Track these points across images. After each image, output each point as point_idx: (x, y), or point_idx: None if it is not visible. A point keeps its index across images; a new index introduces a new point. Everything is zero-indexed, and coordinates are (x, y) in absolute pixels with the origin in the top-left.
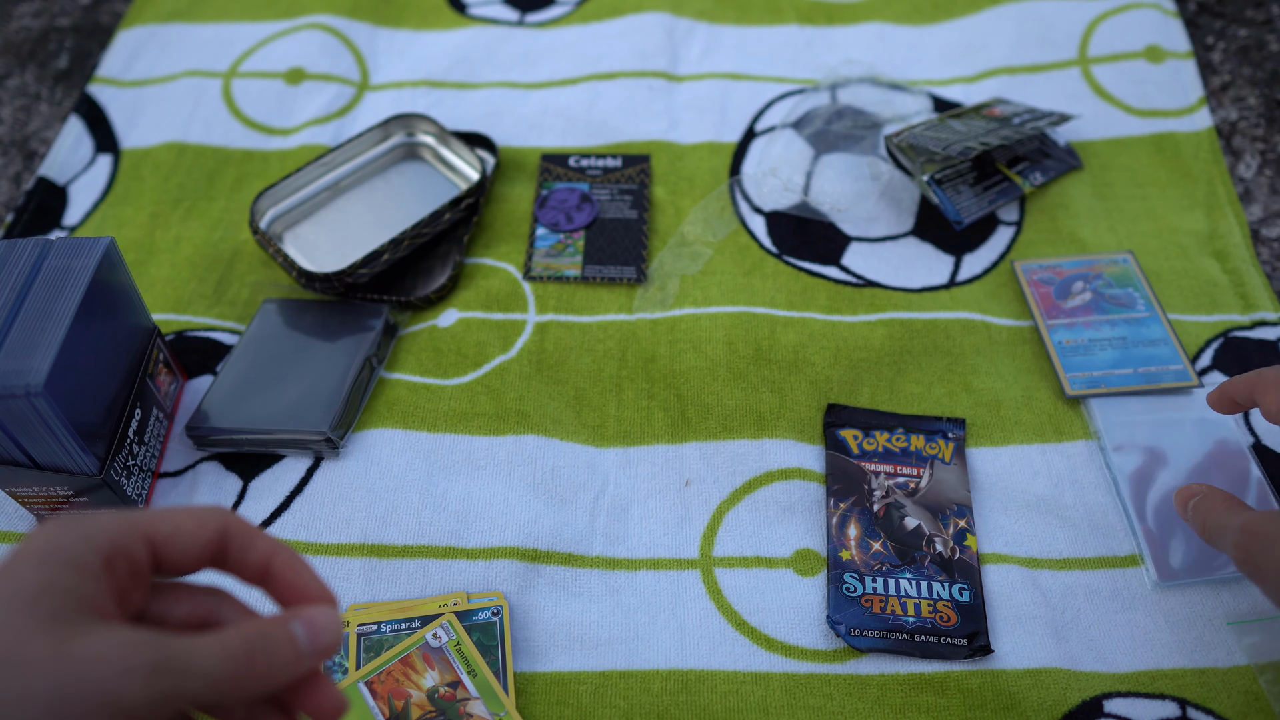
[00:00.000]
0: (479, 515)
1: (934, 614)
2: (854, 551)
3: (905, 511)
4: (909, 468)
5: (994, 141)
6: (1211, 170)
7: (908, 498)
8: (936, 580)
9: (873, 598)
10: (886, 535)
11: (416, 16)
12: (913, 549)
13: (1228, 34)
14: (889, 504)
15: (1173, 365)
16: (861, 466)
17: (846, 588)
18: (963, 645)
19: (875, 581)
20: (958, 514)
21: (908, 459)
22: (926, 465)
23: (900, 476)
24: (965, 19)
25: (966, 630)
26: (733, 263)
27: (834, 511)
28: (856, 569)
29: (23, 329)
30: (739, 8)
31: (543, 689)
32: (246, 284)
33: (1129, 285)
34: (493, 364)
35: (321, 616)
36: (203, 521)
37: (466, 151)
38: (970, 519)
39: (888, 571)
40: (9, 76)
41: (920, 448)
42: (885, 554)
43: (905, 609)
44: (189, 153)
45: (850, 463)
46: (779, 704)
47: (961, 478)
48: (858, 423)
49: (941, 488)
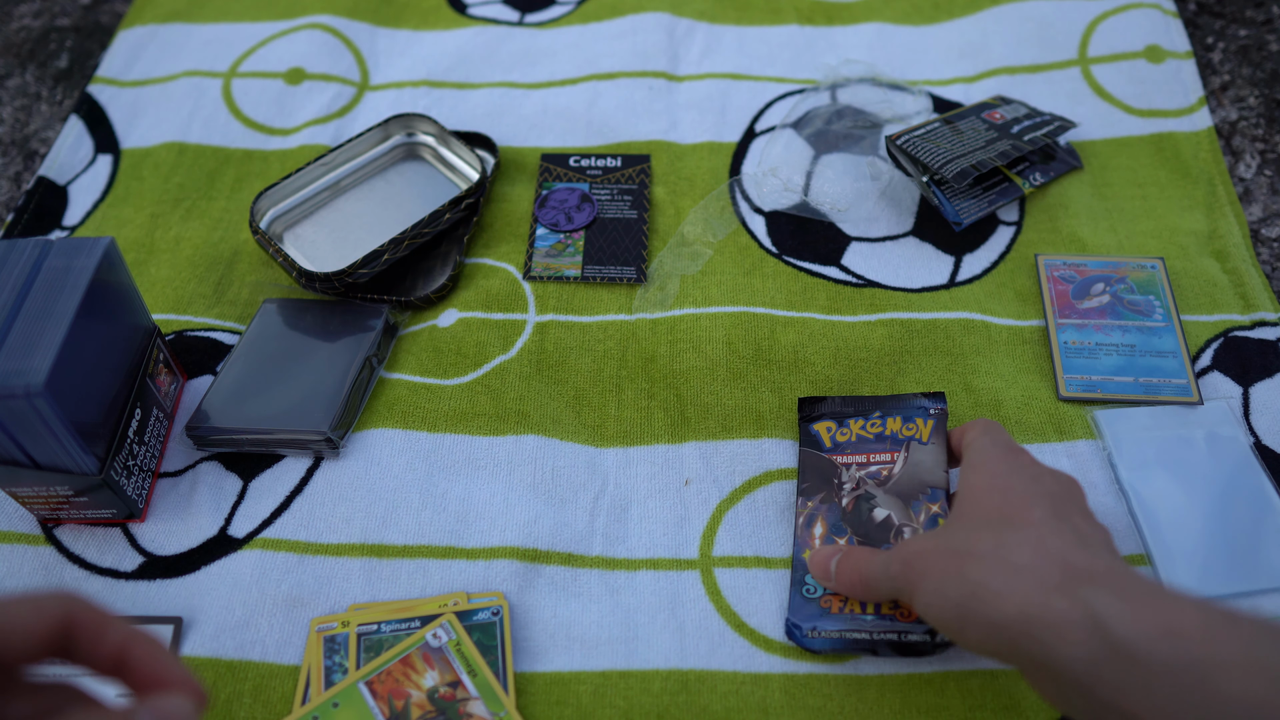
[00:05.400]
0: (479, 515)
1: (894, 610)
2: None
3: (875, 503)
4: (883, 454)
5: (993, 158)
6: (1211, 170)
7: (879, 487)
8: None
9: (831, 598)
10: (854, 530)
11: (416, 16)
12: (880, 542)
13: (1228, 34)
14: (858, 496)
15: (1176, 379)
16: (833, 460)
17: (806, 589)
18: (925, 640)
19: None
20: (930, 498)
21: (882, 444)
22: (901, 448)
23: (873, 465)
24: (965, 19)
25: (926, 625)
26: (733, 263)
27: (801, 510)
28: None
29: (23, 329)
30: (739, 8)
31: (543, 689)
32: (246, 284)
33: (1151, 293)
34: (493, 364)
35: (171, 705)
36: (42, 611)
37: (466, 151)
38: (944, 502)
39: None
40: (9, 76)
41: (896, 430)
42: None
43: (864, 607)
44: (189, 153)
45: (821, 458)
46: (779, 704)
47: (939, 457)
48: (831, 413)
49: (917, 471)
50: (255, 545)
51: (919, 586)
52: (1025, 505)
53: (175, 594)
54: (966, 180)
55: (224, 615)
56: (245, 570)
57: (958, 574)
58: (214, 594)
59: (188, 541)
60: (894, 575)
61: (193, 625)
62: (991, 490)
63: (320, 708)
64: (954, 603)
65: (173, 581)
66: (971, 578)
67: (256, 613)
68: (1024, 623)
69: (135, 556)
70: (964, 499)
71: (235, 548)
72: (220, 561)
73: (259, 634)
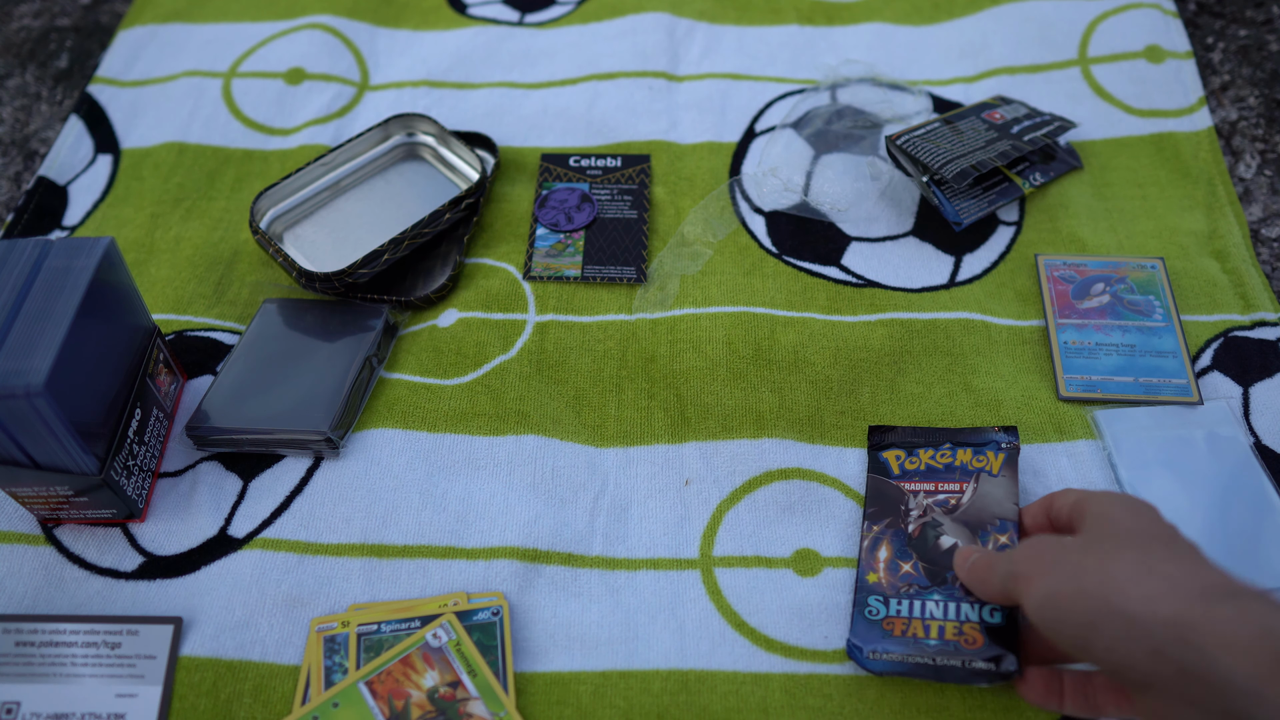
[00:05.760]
0: (479, 515)
1: (959, 636)
2: (882, 574)
3: (941, 530)
4: (951, 484)
5: (993, 158)
6: (1211, 170)
7: (946, 515)
8: (967, 601)
9: (894, 620)
10: (919, 556)
11: (416, 16)
12: (945, 569)
13: (1228, 34)
14: (925, 523)
15: (1176, 379)
16: (900, 487)
17: (869, 610)
18: (988, 669)
19: (900, 604)
20: (999, 529)
21: (951, 474)
22: (971, 479)
23: (941, 494)
24: (965, 19)
25: (991, 653)
26: (733, 263)
27: (866, 534)
28: (882, 592)
29: (23, 329)
30: (739, 8)
31: (543, 689)
32: (246, 284)
33: (1151, 293)
34: (493, 364)
35: None
36: None
37: (466, 151)
38: (1014, 534)
39: (915, 594)
40: (9, 76)
41: (966, 461)
42: (915, 575)
43: (928, 631)
44: (189, 153)
45: (889, 484)
46: (779, 704)
47: (1009, 490)
48: (901, 442)
49: (985, 502)
50: (255, 545)
51: (1044, 575)
52: (1167, 530)
53: (175, 594)
54: (966, 180)
55: (224, 615)
56: (245, 570)
57: (1099, 569)
58: (214, 594)
59: (188, 541)
60: (1015, 561)
61: (193, 625)
62: (1129, 514)
63: (320, 708)
64: (1092, 597)
65: (173, 581)
66: (1116, 576)
67: (256, 613)
68: (1179, 628)
69: (135, 556)
70: (1097, 519)
71: (235, 548)
72: (220, 561)
73: (259, 634)
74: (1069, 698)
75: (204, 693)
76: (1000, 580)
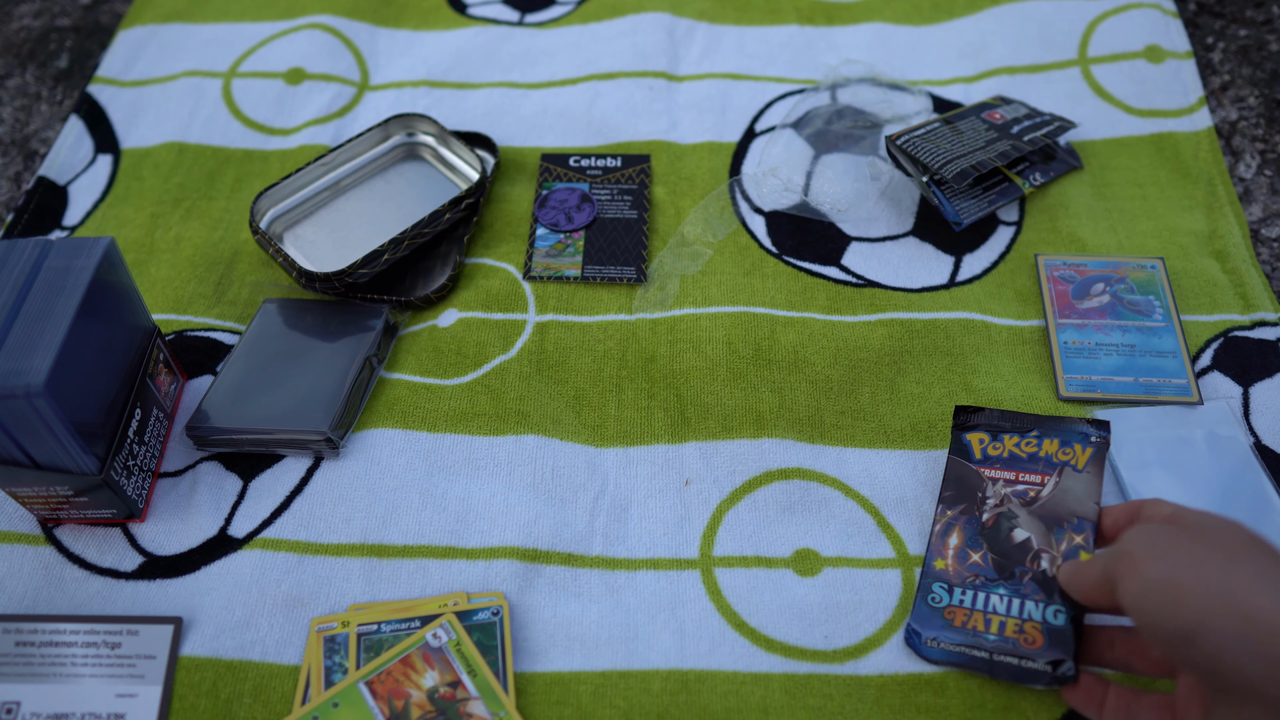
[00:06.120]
0: (479, 515)
1: (1019, 634)
2: (950, 561)
3: (1016, 522)
4: (1033, 475)
5: (993, 158)
6: (1211, 170)
7: (1024, 507)
8: (1032, 599)
9: (956, 610)
10: (990, 547)
11: (416, 16)
12: (1015, 563)
13: (1228, 34)
14: (1000, 513)
15: (1176, 379)
16: (980, 473)
17: (932, 597)
18: (1044, 671)
19: (964, 594)
20: (1076, 528)
21: (1034, 465)
22: (1054, 472)
23: (1021, 484)
24: (965, 19)
25: (1050, 655)
26: (733, 263)
27: (939, 518)
28: (948, 579)
29: (23, 329)
30: (739, 8)
31: (543, 689)
32: (246, 284)
33: (1151, 293)
34: (493, 364)
35: None
36: None
37: (466, 151)
38: (1090, 535)
39: (981, 585)
40: (9, 76)
41: (1052, 453)
42: (983, 566)
43: (989, 626)
44: (189, 153)
45: (969, 468)
46: (779, 704)
47: (1092, 488)
48: (987, 425)
49: (1065, 498)
50: (255, 545)
51: (1157, 559)
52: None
53: (175, 594)
54: (966, 180)
55: (224, 615)
56: (245, 570)
57: (1224, 566)
58: (214, 594)
59: (188, 541)
60: (1124, 541)
61: (193, 625)
62: (1231, 529)
63: (320, 708)
64: (1213, 592)
65: (173, 581)
66: (1243, 577)
67: (256, 613)
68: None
69: (135, 556)
70: (1196, 526)
71: (235, 548)
72: (220, 561)
73: (259, 634)
74: (1110, 709)
75: (204, 693)
76: (1101, 565)
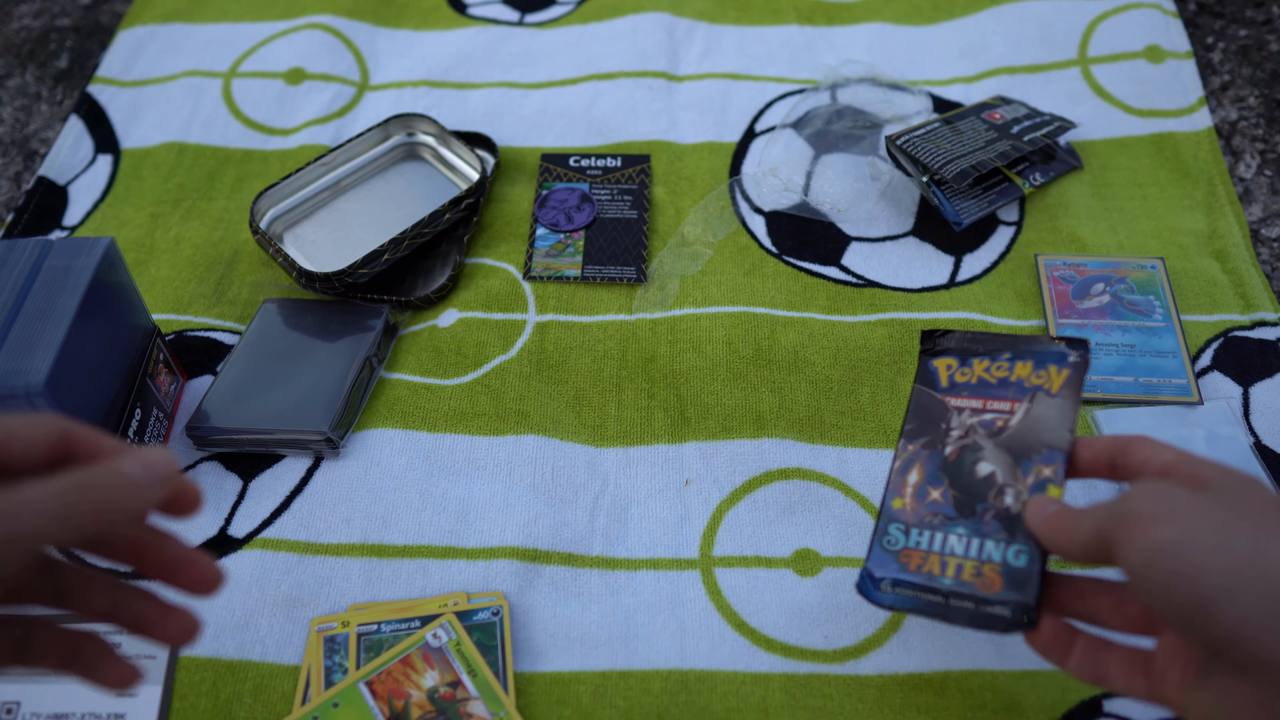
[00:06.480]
0: (479, 515)
1: (976, 578)
2: (908, 500)
3: (981, 455)
4: (1002, 402)
5: (993, 158)
6: (1211, 170)
7: (990, 438)
8: (993, 539)
9: (912, 553)
10: (951, 482)
11: (416, 16)
12: (977, 500)
13: (1228, 34)
14: (965, 446)
15: (1176, 379)
16: (945, 402)
17: (888, 540)
18: (1003, 615)
19: (921, 535)
20: (1045, 459)
21: (1004, 391)
22: (1025, 399)
23: (989, 413)
24: (965, 19)
25: (1009, 599)
26: (733, 263)
27: (900, 454)
28: (904, 520)
29: (23, 329)
30: (739, 8)
31: (543, 689)
32: (246, 284)
33: (1151, 293)
34: (493, 364)
35: (152, 453)
36: (38, 424)
37: (466, 151)
38: (1060, 467)
39: (939, 525)
40: (9, 76)
41: (1024, 377)
42: (943, 504)
43: (945, 569)
44: (189, 153)
45: (934, 398)
46: (779, 704)
47: (1066, 414)
48: (957, 348)
49: (1037, 426)
50: (255, 545)
51: (1171, 521)
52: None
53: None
54: (966, 180)
55: (224, 615)
56: (245, 570)
57: (1253, 531)
58: None
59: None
60: (1129, 500)
61: None
62: (1248, 481)
63: (320, 708)
64: (1240, 557)
65: None
66: (1266, 538)
67: (256, 613)
68: None
69: None
70: (1213, 483)
71: (235, 548)
72: (220, 561)
73: (259, 634)
74: (1077, 658)
75: (204, 693)
76: (1095, 524)
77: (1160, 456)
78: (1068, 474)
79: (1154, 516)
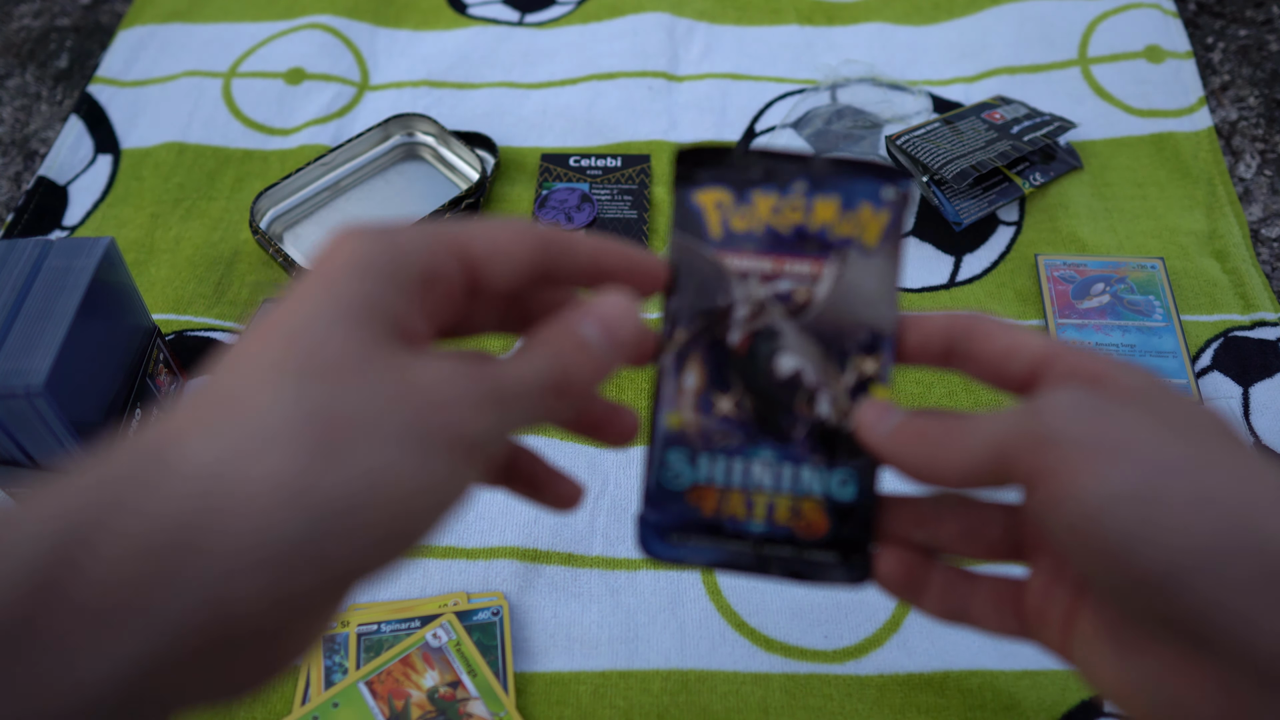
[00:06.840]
0: (479, 515)
1: (793, 519)
2: (688, 413)
3: (781, 343)
4: (802, 260)
5: (993, 158)
6: (1211, 170)
7: (790, 317)
8: (808, 464)
9: (704, 491)
10: (746, 385)
11: (416, 16)
12: (780, 410)
13: (1228, 34)
14: (757, 331)
15: (1176, 379)
16: (721, 263)
17: (669, 473)
18: (831, 563)
19: (714, 464)
20: (866, 347)
21: (802, 245)
22: (832, 256)
23: (785, 278)
24: (965, 19)
25: (836, 540)
26: None
27: (667, 345)
28: (689, 443)
29: (23, 329)
30: (739, 8)
31: (543, 689)
32: (246, 284)
33: (1151, 293)
34: None
35: (610, 307)
36: (520, 236)
37: (466, 151)
38: (886, 356)
39: (736, 448)
40: (9, 76)
41: (828, 223)
42: (736, 418)
43: (752, 509)
44: (189, 153)
45: (703, 257)
46: (779, 704)
47: (887, 280)
48: (729, 177)
49: (853, 298)
50: None
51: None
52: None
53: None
54: (966, 180)
55: None
56: None
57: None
58: None
59: None
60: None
61: None
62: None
63: (320, 708)
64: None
65: None
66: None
67: None
68: None
69: None
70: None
71: None
72: None
73: None
74: (934, 594)
75: None
76: (991, 445)
77: (1028, 346)
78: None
79: (1096, 452)
